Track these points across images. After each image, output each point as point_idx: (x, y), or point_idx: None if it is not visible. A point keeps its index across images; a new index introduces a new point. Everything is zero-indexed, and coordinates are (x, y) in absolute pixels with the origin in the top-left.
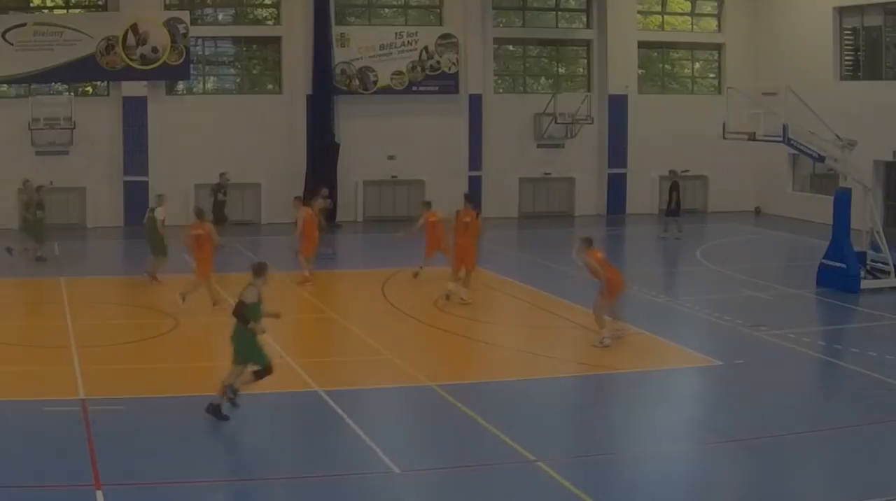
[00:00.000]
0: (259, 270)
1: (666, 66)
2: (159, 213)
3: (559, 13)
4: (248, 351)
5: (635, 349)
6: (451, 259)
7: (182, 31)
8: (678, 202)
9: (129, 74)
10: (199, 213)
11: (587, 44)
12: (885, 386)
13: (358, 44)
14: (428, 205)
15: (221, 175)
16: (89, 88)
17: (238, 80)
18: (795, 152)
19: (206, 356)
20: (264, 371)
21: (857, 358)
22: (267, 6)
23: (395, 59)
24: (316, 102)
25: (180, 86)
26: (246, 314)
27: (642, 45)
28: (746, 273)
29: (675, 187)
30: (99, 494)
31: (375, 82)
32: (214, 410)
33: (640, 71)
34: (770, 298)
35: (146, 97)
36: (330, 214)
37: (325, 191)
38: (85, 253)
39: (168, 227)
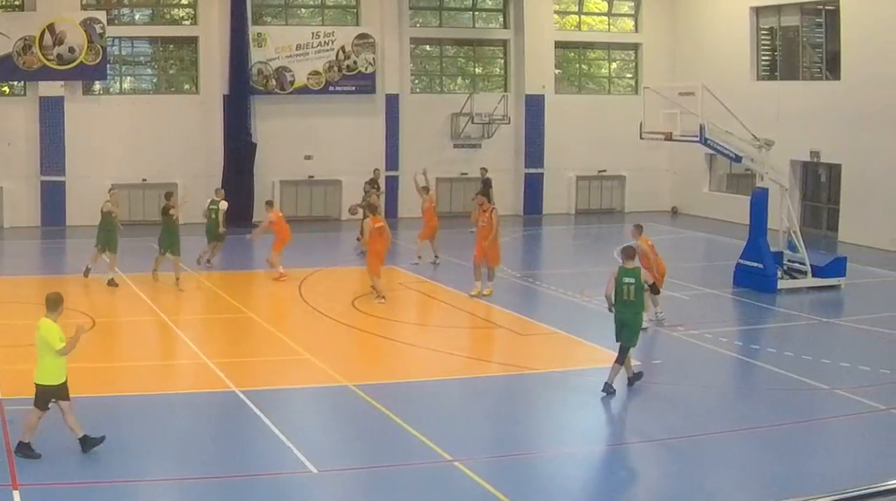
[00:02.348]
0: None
1: (583, 66)
2: (223, 205)
3: (476, 13)
4: None
5: (552, 349)
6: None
7: (99, 31)
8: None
9: (46, 74)
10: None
11: (504, 44)
12: (801, 386)
13: (275, 44)
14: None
15: (376, 170)
16: (6, 88)
17: (155, 80)
18: (712, 152)
19: (125, 356)
20: None
21: (774, 358)
22: (184, 6)
23: (311, 59)
24: (233, 102)
25: (97, 86)
26: None
27: (559, 45)
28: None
29: (487, 184)
30: (16, 494)
31: (292, 82)
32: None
33: (556, 71)
34: (687, 298)
35: (63, 97)
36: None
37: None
38: (1, 252)
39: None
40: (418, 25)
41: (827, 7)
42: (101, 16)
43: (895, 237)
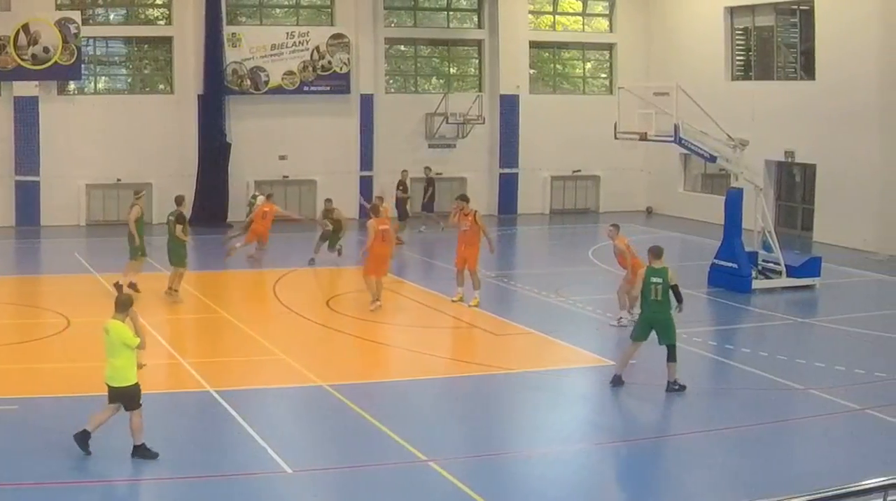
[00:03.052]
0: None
1: (557, 66)
2: (261, 201)
3: (450, 13)
4: None
5: (528, 349)
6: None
7: (73, 31)
8: (432, 196)
9: (21, 74)
10: (376, 210)
11: (478, 44)
12: (776, 386)
13: (249, 44)
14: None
15: (404, 172)
16: None
17: (129, 80)
18: (687, 152)
19: (100, 356)
20: None
21: (749, 358)
22: (158, 6)
23: (286, 59)
24: (207, 102)
25: (72, 86)
26: None
27: (534, 45)
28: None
29: (430, 183)
30: None
31: (267, 82)
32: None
33: (531, 71)
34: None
35: (38, 97)
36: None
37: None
38: None
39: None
40: (393, 25)
41: (801, 7)
42: (76, 16)
43: (869, 237)
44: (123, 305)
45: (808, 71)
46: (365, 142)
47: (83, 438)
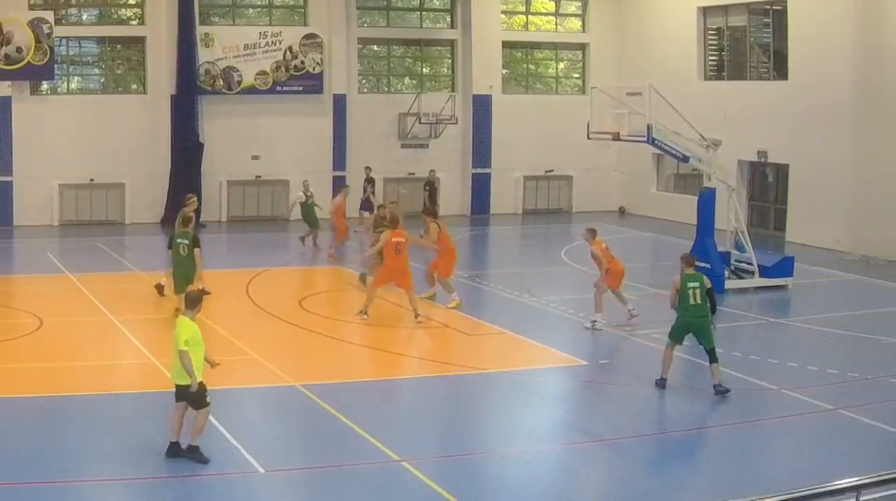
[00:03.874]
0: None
1: (530, 66)
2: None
3: (423, 13)
4: None
5: (501, 349)
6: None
7: (46, 31)
8: (373, 193)
9: None
10: (395, 221)
11: (451, 44)
12: (749, 386)
13: (222, 44)
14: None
15: (431, 172)
16: None
17: (102, 80)
18: (660, 152)
19: (71, 356)
20: None
21: (722, 358)
22: (131, 6)
23: (259, 59)
24: (180, 102)
25: (45, 86)
26: None
27: (506, 45)
28: None
29: (370, 182)
30: None
31: (240, 82)
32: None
33: (504, 71)
34: (634, 298)
35: (10, 97)
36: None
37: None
38: None
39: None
40: (366, 25)
41: (774, 7)
42: (49, 16)
43: (842, 237)
44: (193, 302)
45: (780, 71)
46: (338, 142)
47: (175, 451)
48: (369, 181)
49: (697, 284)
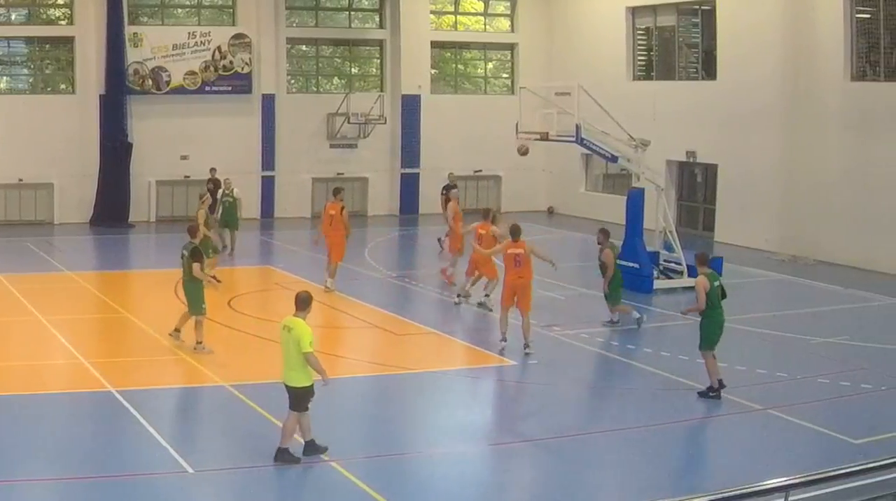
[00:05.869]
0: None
1: (459, 66)
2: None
3: (352, 13)
4: None
5: (430, 349)
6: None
7: None
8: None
9: None
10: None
11: (380, 44)
12: (678, 386)
13: (151, 44)
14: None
15: (212, 170)
16: None
17: (31, 80)
18: (588, 152)
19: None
20: None
21: (651, 358)
22: (60, 6)
23: (188, 58)
24: (109, 102)
25: None
26: None
27: (435, 44)
28: (540, 273)
29: (215, 185)
30: None
31: (168, 82)
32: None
33: (432, 71)
34: (563, 298)
35: None
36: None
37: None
38: None
39: None
40: (294, 25)
41: (703, 7)
42: None
43: (770, 237)
44: (304, 303)
45: (709, 71)
46: (267, 143)
47: (284, 457)
48: (214, 182)
49: (718, 282)
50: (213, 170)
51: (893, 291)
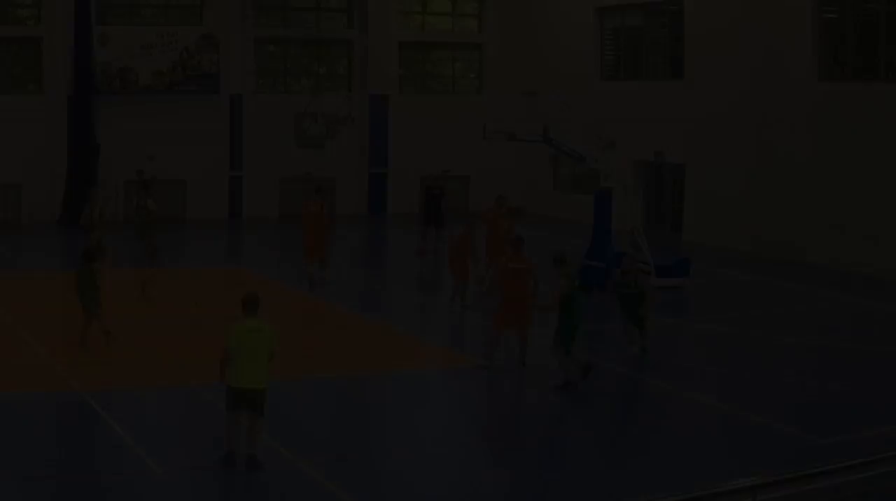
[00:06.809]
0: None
1: (427, 66)
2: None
3: (320, 13)
4: None
5: (396, 350)
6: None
7: None
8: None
9: None
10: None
11: (348, 44)
12: (645, 387)
13: (119, 44)
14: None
15: (139, 171)
16: None
17: None
18: (556, 152)
19: None
20: None
21: (618, 359)
22: (27, 6)
23: (155, 59)
24: (77, 103)
25: None
26: None
27: (403, 45)
28: None
29: (144, 185)
30: None
31: (136, 82)
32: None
33: (401, 71)
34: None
35: None
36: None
37: None
38: None
39: None
40: (262, 25)
41: (671, 7)
42: None
43: (738, 237)
44: (256, 304)
45: (676, 71)
46: (234, 143)
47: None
48: (144, 184)
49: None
50: (140, 171)
51: (863, 291)
